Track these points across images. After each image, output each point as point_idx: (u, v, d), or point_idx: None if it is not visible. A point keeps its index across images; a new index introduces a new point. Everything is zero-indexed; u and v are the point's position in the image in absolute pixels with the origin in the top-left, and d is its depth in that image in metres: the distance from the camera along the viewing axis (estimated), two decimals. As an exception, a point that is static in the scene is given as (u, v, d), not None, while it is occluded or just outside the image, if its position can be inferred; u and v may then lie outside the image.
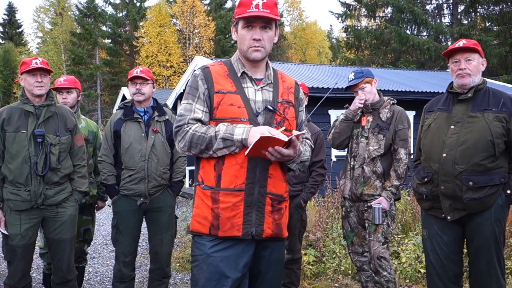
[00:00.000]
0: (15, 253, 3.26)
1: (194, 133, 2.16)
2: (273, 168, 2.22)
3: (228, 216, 2.16)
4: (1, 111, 3.34)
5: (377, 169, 3.65)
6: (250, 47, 2.21)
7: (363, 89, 3.69)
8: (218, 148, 2.13)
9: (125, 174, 3.64)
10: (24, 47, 40.79)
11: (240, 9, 2.20)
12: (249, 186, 2.17)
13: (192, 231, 2.26)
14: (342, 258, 5.14)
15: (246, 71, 2.27)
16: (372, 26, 24.36)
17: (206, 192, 2.21)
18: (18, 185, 3.23)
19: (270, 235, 2.23)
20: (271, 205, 2.23)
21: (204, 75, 2.26)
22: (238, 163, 2.16)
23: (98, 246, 6.84)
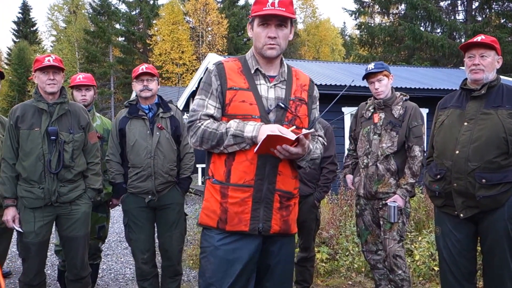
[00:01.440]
0: (29, 251, 3.28)
1: (206, 129, 2.19)
2: (283, 166, 2.24)
3: (236, 211, 2.20)
4: (15, 108, 3.36)
5: (391, 166, 3.63)
6: (265, 45, 2.23)
7: (380, 81, 3.67)
8: (229, 144, 2.16)
9: (132, 172, 3.64)
10: (38, 45, 41.15)
11: (256, 6, 2.21)
12: (258, 182, 2.19)
13: (200, 223, 2.30)
14: (355, 256, 5.13)
15: (259, 68, 2.28)
16: (385, 23, 24.15)
17: (215, 186, 2.24)
18: (32, 182, 3.25)
19: (277, 231, 2.25)
20: (280, 201, 2.25)
21: (218, 71, 2.28)
22: (248, 159, 2.18)
23: (112, 243, 6.89)
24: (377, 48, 23.87)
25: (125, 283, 4.96)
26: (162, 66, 32.43)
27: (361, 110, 3.90)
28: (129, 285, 4.87)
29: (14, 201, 3.30)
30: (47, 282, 3.56)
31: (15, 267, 5.46)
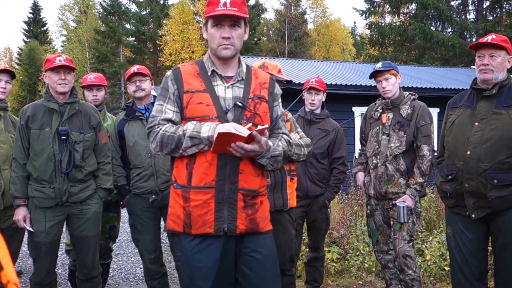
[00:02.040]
0: (40, 250, 3.29)
1: (164, 133, 2.20)
2: (244, 164, 2.24)
3: (199, 214, 2.20)
4: (26, 108, 3.37)
5: (400, 166, 3.61)
6: (220, 45, 2.25)
7: (388, 79, 3.65)
8: (187, 146, 2.17)
9: (134, 173, 3.66)
10: (49, 45, 41.45)
11: (209, 8, 2.23)
12: (219, 183, 2.20)
13: (168, 230, 2.31)
14: (366, 256, 5.11)
15: (215, 70, 2.30)
16: (396, 22, 24.01)
17: (177, 191, 2.26)
18: (42, 182, 3.27)
19: (244, 231, 2.25)
20: (244, 200, 2.24)
21: (174, 76, 2.30)
22: (207, 160, 2.20)
23: (123, 243, 6.92)
24: (387, 47, 23.75)
25: (135, 283, 4.98)
26: (172, 65, 32.54)
27: (370, 111, 3.89)
28: (140, 284, 4.89)
29: (25, 200, 3.31)
30: (58, 282, 3.57)
31: (26, 267, 5.50)
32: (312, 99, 4.03)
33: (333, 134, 4.04)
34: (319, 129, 4.03)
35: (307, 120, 4.05)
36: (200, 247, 2.21)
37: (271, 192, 3.14)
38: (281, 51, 36.01)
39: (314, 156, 3.95)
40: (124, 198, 3.77)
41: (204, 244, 2.22)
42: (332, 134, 4.03)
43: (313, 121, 4.05)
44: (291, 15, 37.13)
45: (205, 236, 2.21)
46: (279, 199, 3.18)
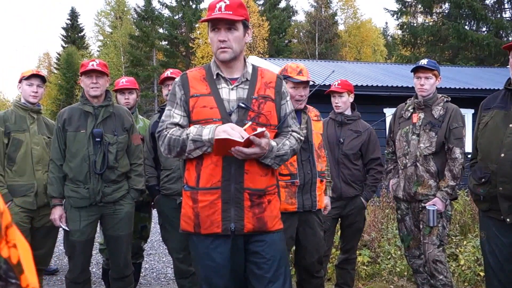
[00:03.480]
0: (75, 249, 3.39)
1: (170, 137, 2.28)
2: (249, 164, 2.28)
3: (207, 214, 2.26)
4: (63, 111, 3.50)
5: (431, 168, 3.54)
6: (218, 49, 2.30)
7: (428, 78, 3.60)
8: (191, 149, 2.24)
9: (163, 174, 3.74)
10: (86, 50, 42.43)
11: (208, 13, 2.30)
12: (225, 183, 2.25)
13: (182, 230, 2.39)
14: (397, 259, 5.04)
15: (220, 73, 2.35)
16: (428, 22, 23.57)
17: (187, 192, 2.34)
18: (78, 182, 3.36)
19: (252, 230, 2.29)
20: (250, 200, 2.28)
21: (181, 81, 2.38)
22: (213, 162, 2.26)
23: (155, 243, 7.03)
24: (420, 48, 23.33)
25: (166, 283, 5.06)
26: (204, 69, 32.79)
27: (400, 110, 3.83)
28: (171, 284, 4.96)
29: (61, 200, 3.43)
30: (92, 280, 3.66)
31: (62, 265, 5.66)
32: (336, 102, 4.02)
33: (366, 135, 4.00)
34: (351, 130, 4.01)
35: (338, 122, 4.04)
36: (211, 247, 2.28)
37: (300, 192, 3.14)
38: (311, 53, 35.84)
39: (347, 157, 3.94)
40: (154, 198, 3.84)
41: (215, 243, 2.28)
42: (365, 135, 4.00)
43: (344, 123, 4.02)
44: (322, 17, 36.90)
45: (214, 235, 2.28)
46: (308, 200, 3.18)
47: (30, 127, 3.67)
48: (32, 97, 3.71)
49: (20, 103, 3.73)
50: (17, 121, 3.64)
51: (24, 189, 3.58)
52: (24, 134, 3.62)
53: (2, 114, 3.72)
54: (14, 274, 0.82)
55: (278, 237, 2.39)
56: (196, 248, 2.35)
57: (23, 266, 0.84)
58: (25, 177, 3.59)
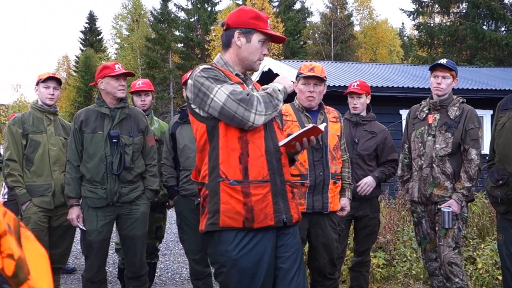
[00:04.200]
0: (91, 248, 3.44)
1: (262, 95, 2.25)
2: (284, 158, 2.36)
3: (260, 208, 2.22)
4: (79, 113, 3.55)
5: (447, 169, 3.51)
6: (259, 60, 2.38)
7: (445, 78, 3.56)
8: (281, 98, 2.31)
9: (182, 175, 3.75)
10: (103, 53, 42.93)
11: (261, 23, 2.31)
12: (272, 176, 2.26)
13: (222, 227, 2.20)
14: (413, 262, 4.99)
15: (239, 73, 2.37)
16: (446, 22, 23.32)
17: (235, 187, 2.18)
18: (95, 183, 3.41)
19: (296, 219, 2.36)
20: (291, 192, 2.36)
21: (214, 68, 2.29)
22: (262, 154, 2.25)
23: (170, 243, 7.08)
24: (437, 48, 23.08)
25: (181, 283, 5.08)
26: (219, 70, 32.93)
27: (415, 111, 3.80)
28: (185, 284, 4.98)
29: (78, 201, 3.47)
30: (108, 279, 3.71)
31: (80, 264, 5.73)
32: (354, 103, 4.00)
33: (381, 136, 3.97)
34: (366, 131, 3.98)
35: (353, 122, 4.01)
36: (247, 247, 2.19)
37: (310, 193, 3.13)
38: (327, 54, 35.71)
39: (361, 157, 3.91)
40: (173, 198, 3.87)
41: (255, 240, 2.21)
42: (380, 136, 3.97)
43: (359, 123, 4.00)
44: (337, 18, 36.75)
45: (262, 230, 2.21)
46: (318, 201, 3.16)
47: (47, 129, 3.75)
48: (49, 99, 3.77)
49: (37, 105, 3.80)
50: (35, 123, 3.72)
51: (42, 189, 3.65)
52: (41, 136, 3.70)
53: (20, 116, 3.81)
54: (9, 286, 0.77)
55: (297, 229, 2.45)
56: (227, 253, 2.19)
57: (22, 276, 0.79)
58: (42, 178, 3.68)
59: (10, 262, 0.77)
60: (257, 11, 2.36)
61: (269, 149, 2.26)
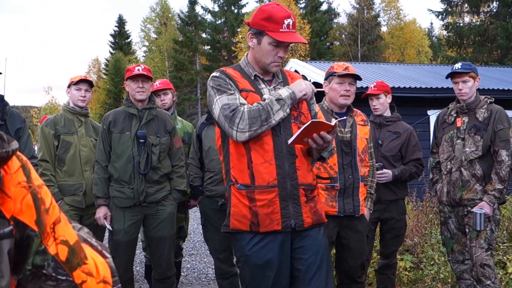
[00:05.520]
0: (119, 248, 3.48)
1: (249, 109, 2.20)
2: (299, 161, 2.32)
3: (266, 213, 2.25)
4: (108, 114, 3.63)
5: (476, 172, 3.45)
6: (273, 62, 2.33)
7: (466, 82, 3.51)
8: (276, 109, 2.22)
9: (207, 176, 3.78)
10: (132, 56, 43.56)
11: (271, 25, 2.25)
12: (281, 181, 2.25)
13: (232, 229, 2.32)
14: (441, 265, 4.91)
15: (257, 74, 2.37)
16: (475, 22, 22.87)
17: (242, 192, 2.28)
18: (122, 183, 3.48)
19: (311, 224, 2.32)
20: (305, 195, 2.32)
21: (225, 75, 2.33)
22: (266, 160, 2.25)
23: (197, 243, 7.13)
24: (466, 48, 22.65)
25: (207, 283, 5.13)
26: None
27: (443, 116, 3.75)
28: (211, 284, 5.02)
29: (106, 200, 3.54)
30: (135, 279, 3.76)
31: (108, 263, 5.83)
32: (374, 105, 3.97)
33: (405, 136, 3.93)
34: (390, 131, 3.94)
35: (377, 123, 3.98)
36: (260, 245, 2.26)
37: (341, 197, 3.11)
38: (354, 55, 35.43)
39: (386, 159, 3.87)
40: (197, 198, 3.91)
41: (265, 244, 2.26)
42: (404, 136, 3.92)
43: (383, 124, 3.97)
44: (364, 18, 36.41)
45: (270, 234, 2.26)
46: (349, 204, 3.13)
47: (78, 130, 3.84)
48: (81, 101, 3.87)
49: (69, 107, 3.90)
50: (66, 124, 3.82)
51: (73, 188, 3.75)
52: (72, 137, 3.79)
53: (52, 117, 3.91)
54: (64, 271, 0.80)
55: (321, 232, 2.42)
56: (242, 249, 2.31)
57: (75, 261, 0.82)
58: (74, 177, 3.77)
59: (64, 248, 0.80)
60: (275, 10, 2.26)
61: (281, 153, 2.26)
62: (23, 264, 0.76)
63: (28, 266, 0.76)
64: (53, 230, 0.78)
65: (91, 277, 0.85)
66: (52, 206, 0.79)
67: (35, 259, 0.76)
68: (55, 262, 0.78)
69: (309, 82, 2.37)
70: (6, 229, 0.72)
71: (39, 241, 0.75)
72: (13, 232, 0.73)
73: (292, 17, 2.27)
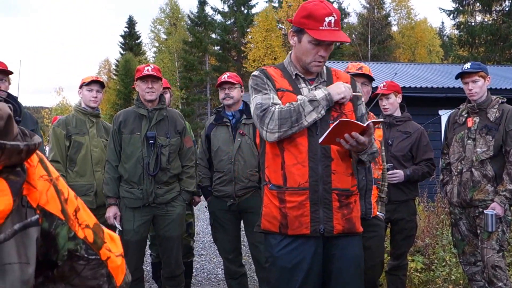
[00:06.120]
0: (128, 248, 3.47)
1: (280, 110, 2.18)
2: (336, 164, 2.22)
3: (295, 215, 2.20)
4: (118, 114, 3.64)
5: (488, 172, 3.42)
6: (314, 61, 2.25)
7: (475, 82, 3.48)
8: (308, 111, 2.16)
9: (215, 176, 3.77)
10: (142, 56, 43.77)
11: (311, 22, 2.17)
12: (313, 184, 2.19)
13: (263, 229, 2.31)
14: (452, 267, 4.87)
15: (298, 73, 2.32)
16: (487, 21, 22.66)
17: (273, 192, 2.26)
18: (132, 183, 3.49)
19: (341, 231, 2.22)
20: (338, 200, 2.23)
21: (264, 74, 2.32)
22: (299, 162, 2.19)
23: (206, 243, 7.15)
24: (478, 48, 22.43)
25: (217, 283, 5.14)
26: (255, 72, 33.17)
27: (454, 116, 3.72)
28: (221, 284, 5.03)
29: (116, 200, 3.55)
30: (145, 278, 3.78)
31: (118, 263, 5.86)
32: (383, 105, 3.95)
33: (416, 136, 3.90)
34: (400, 131, 3.92)
35: (386, 123, 3.96)
36: (289, 248, 2.23)
37: None
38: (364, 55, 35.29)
39: (396, 158, 3.84)
40: (207, 198, 3.92)
41: (295, 247, 2.22)
42: (415, 135, 3.89)
43: (393, 124, 3.95)
44: (374, 18, 36.28)
45: (300, 237, 2.21)
46: (362, 206, 3.09)
47: (90, 130, 3.86)
48: (92, 102, 3.89)
49: (80, 108, 3.92)
50: (78, 125, 3.84)
51: (84, 189, 3.76)
52: (84, 137, 3.81)
53: (64, 118, 3.94)
54: (93, 251, 0.92)
55: (358, 240, 2.35)
56: (271, 249, 2.28)
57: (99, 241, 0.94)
58: (85, 178, 3.79)
59: (89, 231, 0.92)
60: (316, 7, 2.17)
61: (315, 155, 2.20)
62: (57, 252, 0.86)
63: (64, 251, 0.86)
64: (76, 217, 0.88)
65: (112, 252, 0.98)
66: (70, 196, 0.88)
67: (68, 244, 0.86)
68: (85, 244, 0.90)
69: (349, 85, 2.26)
70: (33, 217, 0.80)
71: (67, 228, 0.86)
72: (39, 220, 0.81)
73: (335, 15, 2.16)
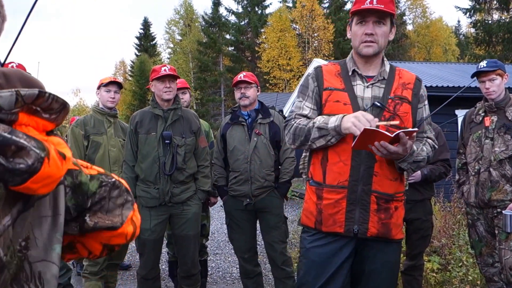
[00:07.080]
0: (145, 247, 3.54)
1: (297, 126, 2.25)
2: (379, 166, 2.17)
3: (330, 213, 2.20)
4: (135, 115, 3.68)
5: (507, 172, 3.37)
6: (362, 42, 2.19)
7: (492, 80, 3.43)
8: (315, 137, 2.18)
9: (231, 176, 3.79)
10: (157, 57, 44.05)
11: (355, 5, 2.17)
12: (352, 183, 2.16)
13: (302, 224, 2.37)
14: (469, 267, 4.82)
15: (356, 69, 2.27)
16: (505, 19, 22.34)
17: (312, 188, 2.29)
18: (148, 183, 3.53)
19: (375, 234, 2.18)
20: (377, 203, 2.18)
21: (315, 74, 2.33)
22: (341, 160, 2.18)
23: (221, 243, 7.18)
24: (495, 46, 22.12)
25: (232, 282, 5.16)
26: (269, 72, 33.16)
27: (470, 115, 3.68)
28: (236, 283, 5.05)
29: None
30: (161, 276, 3.81)
31: (134, 261, 5.92)
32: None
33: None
34: None
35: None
36: (323, 245, 2.24)
37: None
38: (379, 54, 35.06)
39: None
40: (222, 198, 3.94)
41: (328, 243, 2.23)
42: None
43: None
44: (390, 17, 36.01)
45: (333, 235, 2.22)
46: None
47: (107, 130, 3.91)
48: (110, 102, 3.94)
49: (98, 108, 3.97)
50: (96, 125, 3.89)
51: None
52: (102, 137, 3.86)
53: (82, 118, 3.99)
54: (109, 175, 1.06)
55: (397, 247, 2.33)
56: (304, 242, 2.32)
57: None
58: None
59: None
60: None
61: (359, 155, 2.16)
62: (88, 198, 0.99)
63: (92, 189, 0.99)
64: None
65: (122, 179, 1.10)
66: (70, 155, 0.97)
67: (93, 185, 1.00)
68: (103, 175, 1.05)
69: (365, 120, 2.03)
70: None
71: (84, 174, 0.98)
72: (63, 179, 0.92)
73: None
